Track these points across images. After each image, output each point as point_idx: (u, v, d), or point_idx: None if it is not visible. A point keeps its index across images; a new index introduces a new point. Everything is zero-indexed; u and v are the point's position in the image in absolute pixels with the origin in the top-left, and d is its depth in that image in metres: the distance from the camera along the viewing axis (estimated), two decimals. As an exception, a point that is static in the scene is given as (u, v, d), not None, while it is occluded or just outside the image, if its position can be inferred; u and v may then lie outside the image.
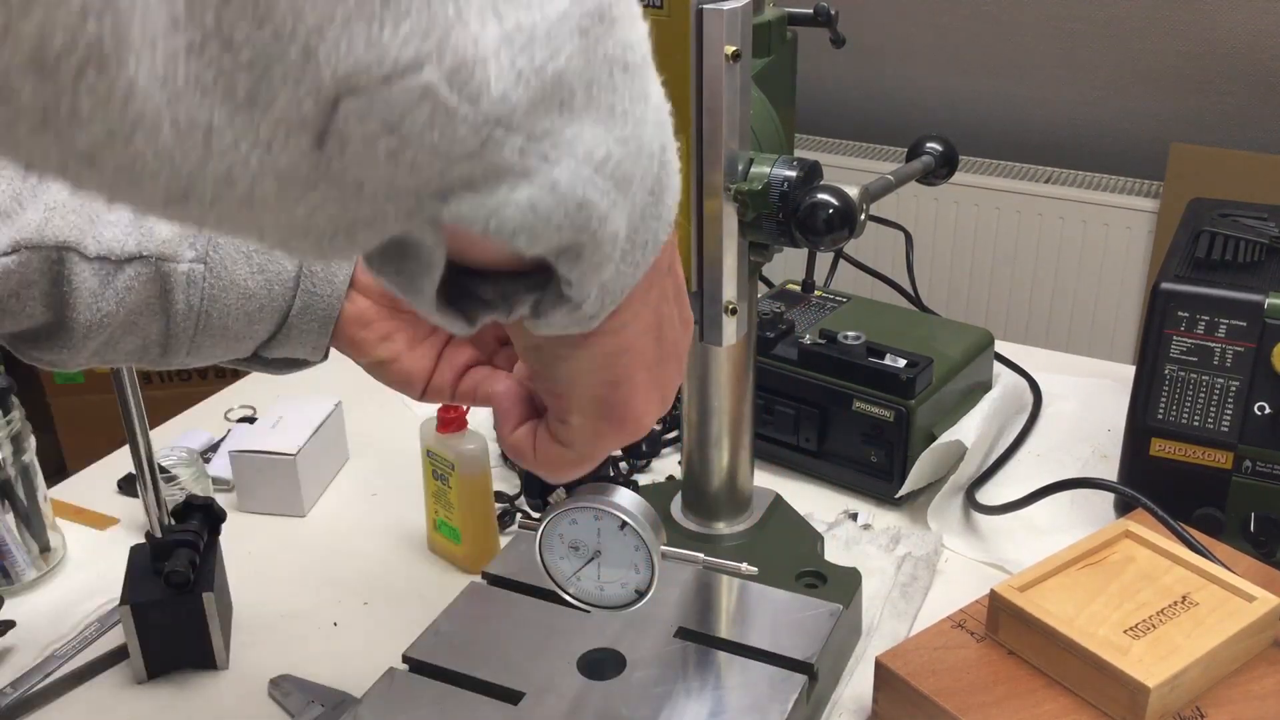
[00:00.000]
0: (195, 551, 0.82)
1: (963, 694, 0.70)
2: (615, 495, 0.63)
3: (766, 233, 0.64)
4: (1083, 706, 0.69)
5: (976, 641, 0.74)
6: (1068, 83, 2.25)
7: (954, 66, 2.34)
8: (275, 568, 0.95)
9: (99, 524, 1.01)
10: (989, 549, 0.94)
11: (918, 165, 0.75)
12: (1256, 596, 0.72)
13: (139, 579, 0.82)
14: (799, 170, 0.63)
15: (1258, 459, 0.87)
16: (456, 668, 0.73)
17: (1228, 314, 0.88)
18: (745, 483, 0.82)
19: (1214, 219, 0.99)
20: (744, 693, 0.70)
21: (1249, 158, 2.05)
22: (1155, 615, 0.72)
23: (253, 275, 0.60)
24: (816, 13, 0.72)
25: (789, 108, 0.73)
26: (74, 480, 1.08)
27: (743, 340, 0.69)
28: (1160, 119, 2.19)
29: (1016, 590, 0.73)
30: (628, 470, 1.04)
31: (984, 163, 2.29)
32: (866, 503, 1.00)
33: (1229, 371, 0.88)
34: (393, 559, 0.96)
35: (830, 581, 0.79)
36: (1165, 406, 0.90)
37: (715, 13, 0.58)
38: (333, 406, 1.06)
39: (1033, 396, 1.14)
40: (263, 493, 1.01)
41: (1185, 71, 2.13)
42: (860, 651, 0.82)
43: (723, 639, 0.75)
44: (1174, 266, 0.93)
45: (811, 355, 1.00)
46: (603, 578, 0.64)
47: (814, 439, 1.01)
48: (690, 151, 0.62)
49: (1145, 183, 2.17)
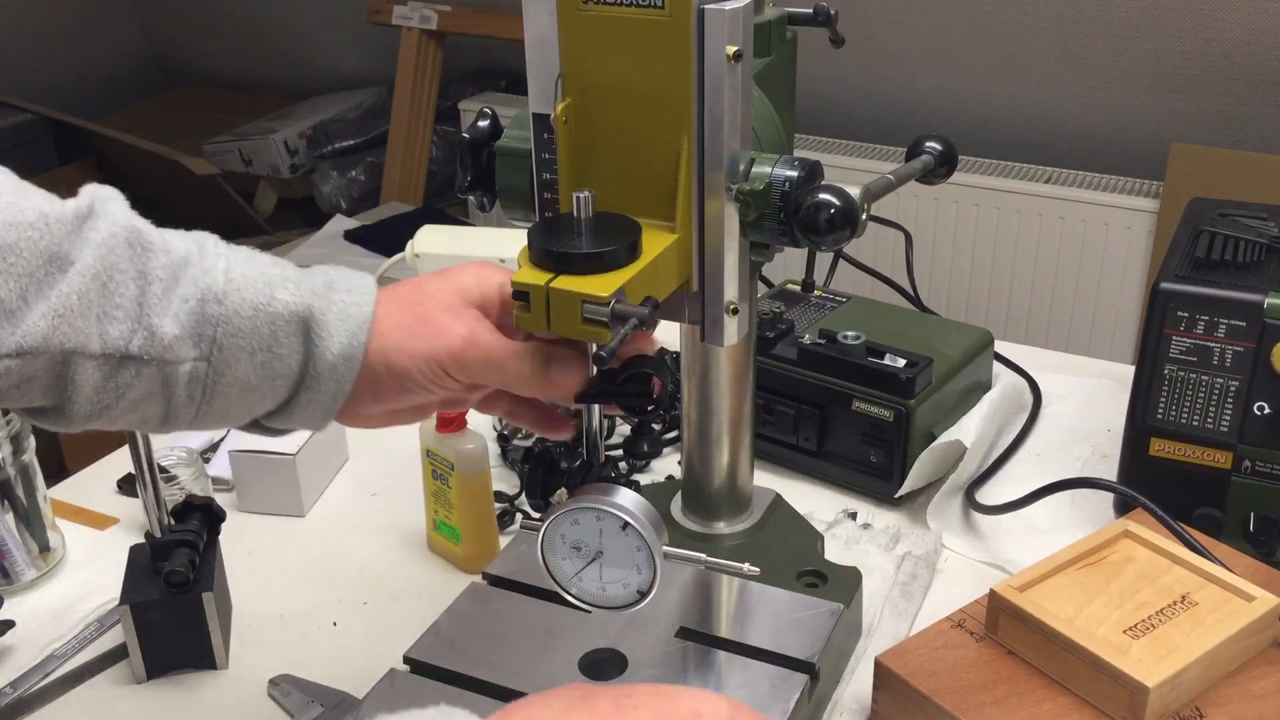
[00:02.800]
0: (195, 551, 0.82)
1: (962, 694, 0.70)
2: (617, 496, 0.63)
3: (768, 233, 0.64)
4: (1082, 706, 0.69)
5: (976, 641, 0.74)
6: (1068, 83, 2.25)
7: (954, 66, 2.34)
8: (275, 568, 0.95)
9: (99, 524, 1.01)
10: (989, 549, 0.94)
11: (918, 165, 0.75)
12: (1256, 596, 0.72)
13: (138, 579, 0.82)
14: (800, 170, 0.63)
15: (1257, 459, 0.87)
16: (457, 668, 0.73)
17: (1228, 314, 0.88)
18: (745, 482, 0.82)
19: (1214, 219, 0.99)
20: (745, 692, 0.70)
21: (1249, 158, 2.05)
22: (1155, 615, 0.72)
23: (256, 371, 0.61)
24: (816, 13, 0.72)
25: (789, 108, 0.73)
26: (74, 480, 1.08)
27: (743, 340, 0.69)
28: (1160, 119, 2.19)
29: (1016, 590, 0.73)
30: (628, 470, 1.04)
31: (984, 163, 2.29)
32: (866, 502, 1.00)
33: (1229, 371, 0.88)
34: (393, 559, 0.96)
35: (831, 581, 0.79)
36: (1165, 406, 0.90)
37: (717, 13, 0.58)
38: (333, 406, 1.06)
39: (1032, 396, 1.14)
40: (262, 493, 1.01)
41: (1185, 71, 2.13)
42: (860, 651, 0.82)
43: (724, 639, 0.75)
44: (1174, 266, 0.93)
45: (811, 355, 1.00)
46: (604, 578, 0.64)
47: (814, 439, 1.01)
48: (691, 151, 0.62)
49: (1145, 183, 2.17)
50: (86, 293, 0.56)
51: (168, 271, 0.59)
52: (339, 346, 0.61)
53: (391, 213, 2.83)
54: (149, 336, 0.58)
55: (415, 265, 1.45)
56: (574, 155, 0.64)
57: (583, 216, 0.60)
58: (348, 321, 0.62)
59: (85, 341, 0.57)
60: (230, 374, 0.60)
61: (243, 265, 0.61)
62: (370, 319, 0.62)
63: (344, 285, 0.63)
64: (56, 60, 3.39)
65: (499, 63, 3.05)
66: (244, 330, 0.60)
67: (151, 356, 0.58)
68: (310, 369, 0.62)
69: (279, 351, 0.61)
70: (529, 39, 0.64)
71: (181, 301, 0.59)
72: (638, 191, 0.63)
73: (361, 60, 3.30)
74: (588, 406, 0.67)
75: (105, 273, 0.57)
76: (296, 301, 0.61)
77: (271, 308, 0.60)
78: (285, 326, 0.61)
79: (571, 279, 0.58)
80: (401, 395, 0.64)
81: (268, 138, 3.13)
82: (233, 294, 0.60)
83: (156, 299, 0.58)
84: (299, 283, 0.62)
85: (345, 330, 0.62)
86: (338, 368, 0.61)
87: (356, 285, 0.64)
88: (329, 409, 0.63)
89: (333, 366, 0.61)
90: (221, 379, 0.60)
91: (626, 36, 0.60)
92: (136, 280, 0.58)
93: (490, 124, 0.71)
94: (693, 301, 0.67)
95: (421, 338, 0.62)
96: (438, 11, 2.85)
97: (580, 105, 0.63)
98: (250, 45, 3.48)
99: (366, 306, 0.63)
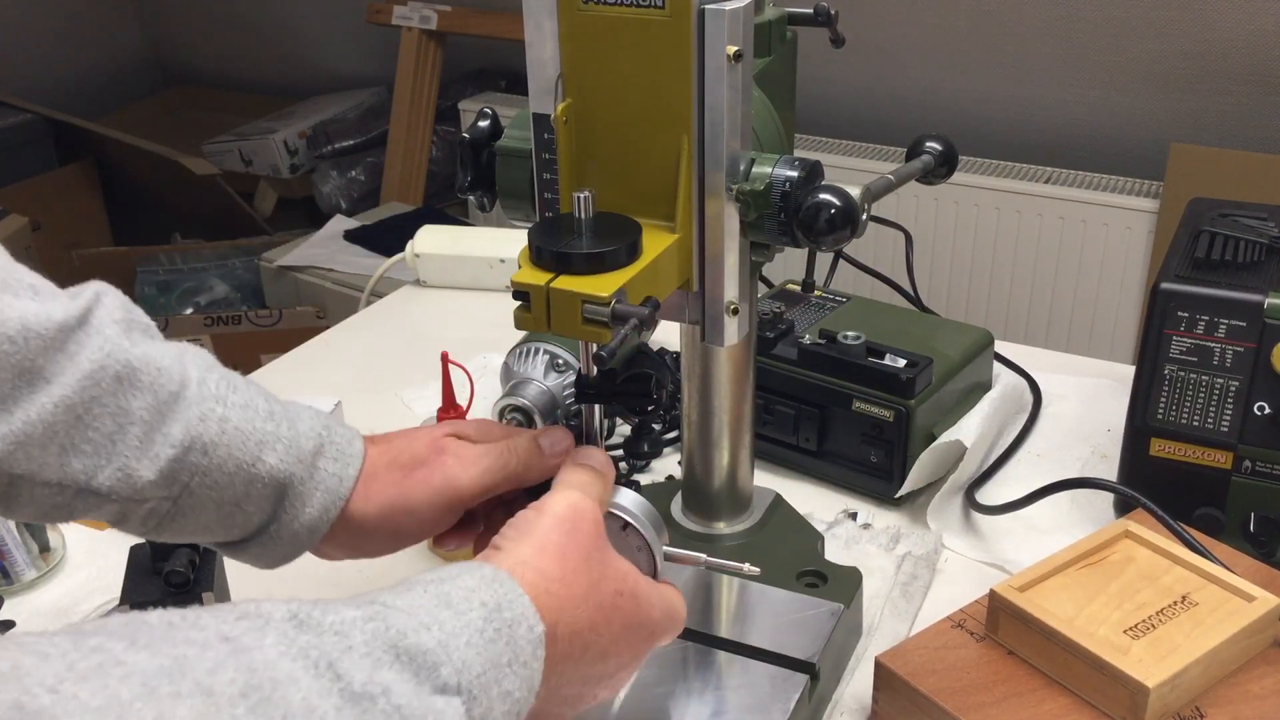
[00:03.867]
0: (195, 551, 0.82)
1: (962, 694, 0.70)
2: (618, 496, 0.63)
3: (768, 233, 0.64)
4: (1082, 706, 0.69)
5: (976, 641, 0.74)
6: (1068, 83, 2.25)
7: (954, 66, 2.34)
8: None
9: (99, 524, 1.01)
10: (989, 549, 0.94)
11: (918, 165, 0.75)
12: (1256, 596, 0.72)
13: (139, 579, 0.82)
14: (800, 170, 0.63)
15: (1257, 459, 0.87)
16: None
17: (1228, 314, 0.88)
18: (745, 482, 0.82)
19: (1214, 219, 0.99)
20: (746, 692, 0.70)
21: (1249, 158, 2.05)
22: (1155, 615, 0.72)
23: (219, 520, 0.60)
24: (816, 13, 0.72)
25: (789, 108, 0.73)
26: (74, 480, 1.08)
27: (743, 340, 0.69)
28: (1160, 119, 2.20)
29: (1016, 590, 0.73)
30: (628, 470, 1.04)
31: (984, 163, 2.29)
32: (866, 502, 1.00)
33: (1229, 371, 0.88)
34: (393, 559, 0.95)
35: (831, 581, 0.79)
36: (1165, 406, 0.90)
37: (717, 13, 0.59)
38: (332, 406, 1.06)
39: (1033, 396, 1.14)
40: (263, 492, 1.00)
41: (1184, 71, 2.13)
42: (860, 651, 0.82)
43: (724, 639, 0.75)
44: (1174, 266, 0.93)
45: (811, 355, 1.00)
46: (604, 578, 0.64)
47: (814, 439, 1.01)
48: (691, 151, 0.62)
49: (1145, 183, 2.17)
50: (54, 424, 0.53)
51: (152, 413, 0.56)
52: (308, 518, 0.62)
53: (391, 213, 2.84)
54: (121, 477, 0.55)
55: (415, 265, 1.45)
56: (574, 155, 0.64)
57: (583, 216, 0.60)
58: (325, 494, 0.62)
59: (38, 470, 0.53)
60: (191, 515, 0.59)
61: (238, 416, 0.59)
62: (347, 496, 0.62)
63: (332, 451, 0.63)
64: (56, 60, 3.39)
65: (499, 63, 3.05)
66: (219, 484, 0.59)
67: (118, 496, 0.56)
68: (271, 530, 0.62)
69: (245, 508, 0.60)
70: (529, 39, 0.64)
71: (166, 446, 0.56)
72: (638, 191, 0.63)
73: (361, 60, 3.31)
74: (588, 406, 0.67)
75: (82, 405, 0.54)
76: (280, 469, 0.60)
77: (254, 469, 0.59)
78: (261, 490, 0.60)
79: (572, 279, 0.58)
80: (399, 539, 0.66)
81: (268, 138, 3.13)
82: (221, 448, 0.58)
83: (135, 441, 0.56)
84: (289, 446, 0.61)
85: (319, 503, 0.62)
86: (299, 536, 0.63)
87: (344, 451, 0.63)
88: (277, 563, 0.64)
89: (295, 535, 0.62)
90: (182, 516, 0.59)
91: (626, 36, 0.60)
92: (115, 418, 0.55)
93: (490, 124, 0.71)
94: (693, 301, 0.67)
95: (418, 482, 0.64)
96: (438, 11, 2.85)
97: (580, 105, 0.63)
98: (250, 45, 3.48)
99: (347, 481, 0.63)
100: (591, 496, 0.58)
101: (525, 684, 0.48)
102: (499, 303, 0.67)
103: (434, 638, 0.45)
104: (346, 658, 0.42)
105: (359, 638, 0.43)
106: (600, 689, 0.57)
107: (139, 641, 0.38)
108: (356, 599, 0.46)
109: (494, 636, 0.47)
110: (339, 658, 0.42)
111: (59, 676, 0.35)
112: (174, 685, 0.37)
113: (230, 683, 0.38)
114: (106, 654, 0.37)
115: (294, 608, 0.43)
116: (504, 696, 0.47)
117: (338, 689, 0.41)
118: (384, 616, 0.45)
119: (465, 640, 0.46)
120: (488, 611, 0.48)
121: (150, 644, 0.38)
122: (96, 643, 0.37)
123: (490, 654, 0.47)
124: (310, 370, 1.26)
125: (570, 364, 1.03)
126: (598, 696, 0.57)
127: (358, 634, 0.43)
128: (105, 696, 0.35)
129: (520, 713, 0.49)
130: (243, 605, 0.43)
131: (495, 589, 0.49)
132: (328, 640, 0.42)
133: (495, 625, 0.48)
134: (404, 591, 0.48)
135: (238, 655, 0.39)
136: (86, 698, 0.35)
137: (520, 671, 0.48)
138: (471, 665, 0.46)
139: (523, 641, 0.49)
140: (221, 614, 0.42)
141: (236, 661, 0.39)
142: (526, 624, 0.49)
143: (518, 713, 0.48)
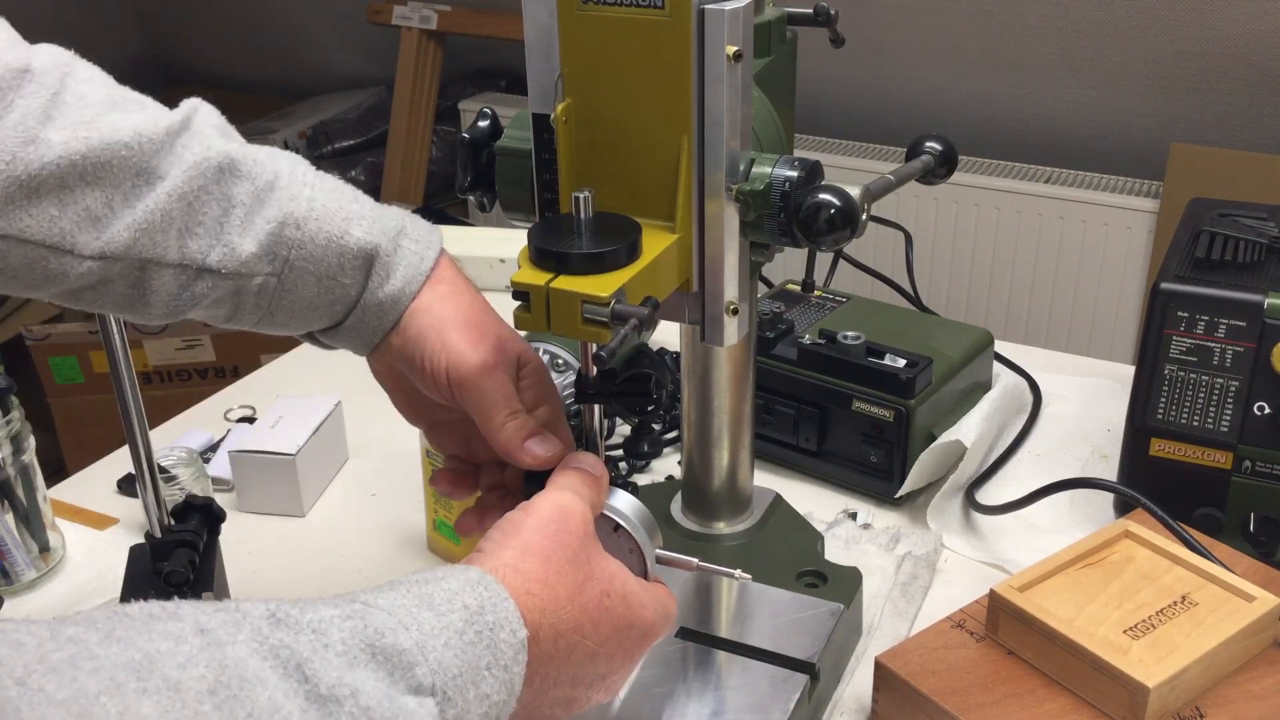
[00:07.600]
0: (195, 551, 0.82)
1: (962, 694, 0.70)
2: (611, 498, 0.63)
3: (768, 233, 0.64)
4: (1082, 706, 0.69)
5: (976, 641, 0.74)
6: (1068, 83, 2.25)
7: (954, 66, 2.34)
8: (275, 568, 0.95)
9: (98, 524, 1.01)
10: (989, 549, 0.94)
11: (917, 165, 0.75)
12: (1256, 596, 0.72)
13: (138, 579, 0.82)
14: (800, 170, 0.63)
15: (1257, 459, 0.87)
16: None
17: (1227, 314, 0.88)
18: (745, 482, 0.82)
19: (1214, 219, 0.99)
20: (745, 692, 0.70)
21: (1249, 158, 2.05)
22: (1155, 615, 0.72)
23: (320, 295, 0.66)
24: (816, 13, 0.72)
25: (789, 108, 0.73)
26: (74, 480, 1.08)
27: (743, 340, 0.69)
28: (1160, 119, 2.19)
29: (1016, 590, 0.73)
30: (627, 471, 1.04)
31: (984, 163, 2.29)
32: (866, 502, 1.00)
33: (1229, 371, 0.88)
34: (392, 559, 0.96)
35: (831, 581, 0.79)
36: (1165, 406, 0.90)
37: (717, 13, 0.59)
38: (332, 406, 1.06)
39: (1032, 396, 1.14)
40: (262, 493, 1.01)
41: (1184, 71, 2.13)
42: (860, 651, 0.82)
43: (724, 639, 0.75)
44: (1174, 266, 0.93)
45: (811, 355, 1.00)
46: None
47: (814, 439, 1.01)
48: (691, 151, 0.62)
49: (1145, 183, 2.17)
50: (170, 210, 0.61)
51: (251, 197, 0.63)
52: (391, 288, 0.66)
53: (391, 213, 2.83)
54: (228, 253, 0.62)
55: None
56: (574, 155, 0.64)
57: (583, 216, 0.60)
58: (407, 269, 0.66)
59: (163, 253, 0.61)
60: (296, 292, 0.65)
61: (325, 196, 0.65)
62: (427, 275, 0.66)
63: (414, 234, 0.68)
64: (56, 60, 3.38)
65: (499, 63, 3.05)
66: (315, 256, 0.64)
67: (228, 271, 0.63)
68: (363, 300, 0.66)
69: (342, 280, 0.65)
70: (529, 39, 0.64)
71: (264, 223, 0.63)
72: (638, 191, 0.63)
73: (361, 60, 3.31)
74: (587, 406, 0.67)
75: (192, 194, 0.61)
76: (367, 240, 0.65)
77: (343, 241, 0.65)
78: (352, 260, 0.65)
79: (571, 279, 0.58)
80: (411, 362, 0.67)
81: (268, 138, 3.13)
82: (311, 222, 0.64)
83: (239, 221, 0.63)
84: (374, 221, 0.66)
85: (402, 276, 0.66)
86: (384, 305, 0.66)
87: (425, 237, 0.68)
88: (369, 340, 0.68)
89: (380, 304, 0.66)
90: (288, 295, 0.65)
91: (626, 36, 0.60)
92: (220, 203, 0.62)
93: (490, 124, 0.71)
94: (693, 301, 0.67)
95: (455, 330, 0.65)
96: (438, 11, 2.85)
97: (580, 105, 0.63)
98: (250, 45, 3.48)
99: (427, 260, 0.67)
100: (581, 498, 0.58)
101: (505, 687, 0.49)
102: (499, 303, 0.67)
103: (411, 638, 0.46)
104: (319, 657, 0.42)
105: (335, 635, 0.44)
106: (594, 691, 0.57)
107: (115, 633, 0.39)
108: (338, 598, 0.47)
109: (474, 639, 0.48)
110: (310, 657, 0.42)
111: (28, 668, 0.36)
112: (141, 681, 0.37)
113: (199, 679, 0.39)
114: (80, 645, 0.37)
115: (273, 606, 0.44)
116: (481, 699, 0.48)
117: (304, 690, 0.41)
118: (363, 615, 0.46)
119: (444, 641, 0.47)
120: (470, 614, 0.49)
121: (125, 636, 0.39)
122: (72, 633, 0.38)
123: (469, 656, 0.47)
124: (310, 370, 1.26)
125: (570, 364, 1.03)
126: (592, 699, 0.57)
127: (335, 632, 0.44)
128: (72, 689, 0.36)
129: (500, 716, 0.49)
130: (225, 602, 0.43)
131: (480, 592, 0.50)
132: (303, 639, 0.43)
133: (476, 628, 0.48)
134: (386, 591, 0.49)
135: (209, 650, 0.40)
136: (53, 690, 0.35)
137: (500, 675, 0.48)
138: (448, 666, 0.46)
139: (504, 645, 0.49)
140: (202, 607, 0.42)
141: (208, 657, 0.39)
142: (509, 628, 0.50)
143: (497, 716, 0.49)
